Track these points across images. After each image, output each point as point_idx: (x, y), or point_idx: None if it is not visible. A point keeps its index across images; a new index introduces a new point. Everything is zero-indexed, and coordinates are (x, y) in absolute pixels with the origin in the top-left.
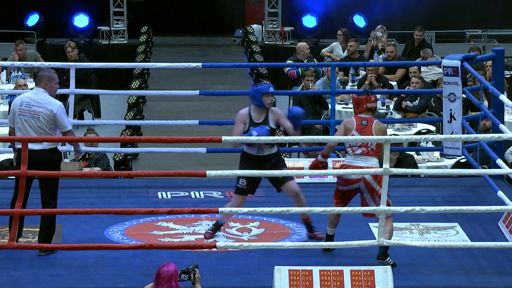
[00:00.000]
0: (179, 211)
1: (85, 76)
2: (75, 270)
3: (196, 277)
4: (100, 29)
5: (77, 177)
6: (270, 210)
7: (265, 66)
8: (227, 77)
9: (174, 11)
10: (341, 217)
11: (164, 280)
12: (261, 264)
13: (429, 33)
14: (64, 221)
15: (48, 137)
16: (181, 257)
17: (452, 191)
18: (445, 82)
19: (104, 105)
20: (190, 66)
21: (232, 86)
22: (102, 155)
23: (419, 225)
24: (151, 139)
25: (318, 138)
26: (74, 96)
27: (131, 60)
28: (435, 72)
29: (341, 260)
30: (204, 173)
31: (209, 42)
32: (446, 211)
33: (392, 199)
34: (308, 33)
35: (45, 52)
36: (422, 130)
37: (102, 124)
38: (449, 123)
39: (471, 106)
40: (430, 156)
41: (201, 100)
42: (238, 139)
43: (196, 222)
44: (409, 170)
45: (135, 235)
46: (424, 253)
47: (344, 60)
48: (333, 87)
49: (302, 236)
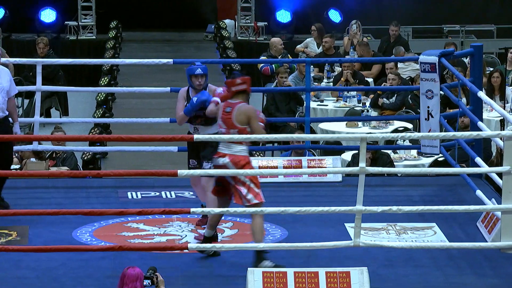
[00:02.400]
0: (149, 211)
1: (52, 73)
2: (42, 272)
3: (159, 280)
4: (67, 24)
5: (43, 176)
6: (243, 210)
7: (238, 63)
8: None
9: (144, 6)
10: (316, 217)
11: (130, 280)
12: (234, 266)
13: (405, 29)
14: (30, 223)
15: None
16: (151, 259)
17: (429, 190)
18: (422, 78)
19: (72, 102)
20: (160, 62)
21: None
22: (70, 154)
23: (396, 225)
24: (121, 137)
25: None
26: (41, 93)
27: (99, 56)
28: (412, 68)
29: (316, 261)
30: (175, 173)
31: (180, 38)
32: (423, 211)
33: (368, 199)
34: (282, 28)
35: (11, 48)
36: (399, 127)
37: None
38: (426, 120)
39: (449, 103)
40: (407, 155)
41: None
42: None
43: (167, 223)
44: (385, 169)
45: (104, 237)
46: (401, 254)
47: (319, 56)
48: (308, 84)
49: (276, 237)
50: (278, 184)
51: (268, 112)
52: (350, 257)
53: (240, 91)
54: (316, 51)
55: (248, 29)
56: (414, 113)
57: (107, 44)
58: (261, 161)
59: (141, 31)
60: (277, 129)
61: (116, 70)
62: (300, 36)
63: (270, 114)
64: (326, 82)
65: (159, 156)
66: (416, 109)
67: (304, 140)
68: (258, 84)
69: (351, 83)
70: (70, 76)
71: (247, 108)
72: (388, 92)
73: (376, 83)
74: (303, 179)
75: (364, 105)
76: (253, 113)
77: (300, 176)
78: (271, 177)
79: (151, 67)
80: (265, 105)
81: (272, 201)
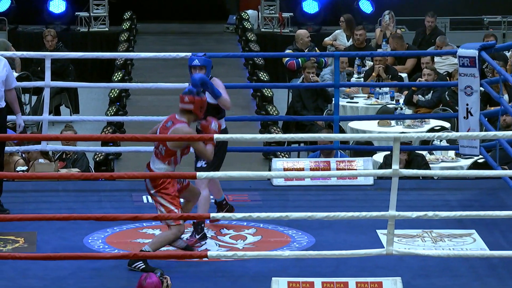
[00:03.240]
0: (166, 216)
1: (62, 68)
2: (50, 282)
3: (168, 284)
4: (78, 15)
5: (53, 179)
6: (267, 215)
7: (262, 56)
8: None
9: None
10: (346, 223)
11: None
12: (257, 276)
13: (442, 20)
14: (39, 228)
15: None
16: (168, 268)
17: (468, 194)
18: (461, 73)
19: (83, 99)
20: (178, 56)
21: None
22: (81, 155)
23: (432, 232)
24: (135, 137)
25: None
26: (49, 90)
27: (112, 49)
28: (450, 62)
29: (345, 270)
30: (194, 175)
31: (199, 30)
32: (462, 217)
33: (402, 203)
34: (309, 19)
35: (18, 41)
36: (436, 127)
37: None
38: (465, 119)
39: (490, 100)
40: (444, 156)
41: None
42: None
43: (185, 229)
44: (421, 171)
45: (118, 244)
46: (438, 263)
47: (349, 50)
48: (337, 80)
49: (302, 244)
50: (304, 187)
51: (294, 110)
52: (383, 266)
53: (186, 110)
54: (345, 44)
55: (272, 20)
56: (452, 111)
57: (120, 37)
58: (287, 162)
59: (157, 23)
60: (304, 128)
61: (131, 65)
62: (328, 28)
63: (296, 112)
64: (356, 78)
65: None
66: (454, 106)
67: (332, 140)
68: (283, 80)
69: (383, 78)
70: (81, 71)
71: (185, 131)
72: (423, 89)
73: (411, 79)
74: (331, 182)
75: (398, 103)
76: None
77: (328, 178)
78: (297, 180)
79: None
80: (290, 102)
81: (298, 205)
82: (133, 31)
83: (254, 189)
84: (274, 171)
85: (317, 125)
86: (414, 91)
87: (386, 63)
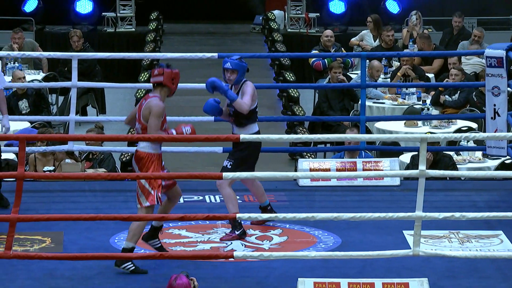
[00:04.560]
0: (192, 217)
1: (89, 68)
2: (77, 282)
3: (196, 285)
4: (105, 15)
5: (79, 179)
6: (293, 216)
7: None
8: None
9: None
10: (372, 224)
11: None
12: (283, 276)
13: (470, 20)
14: (65, 228)
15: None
16: (194, 268)
17: (496, 195)
18: (488, 74)
19: (110, 99)
20: (204, 56)
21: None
22: (108, 155)
23: (459, 233)
24: (162, 137)
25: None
26: (76, 90)
27: (139, 49)
28: (474, 62)
29: (372, 271)
30: (220, 175)
31: (225, 30)
32: (489, 218)
33: (429, 204)
34: (335, 19)
35: (45, 41)
36: (463, 127)
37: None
38: (492, 119)
39: None
40: (472, 157)
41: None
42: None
43: (211, 229)
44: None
45: (144, 244)
46: (465, 264)
47: (375, 50)
48: (363, 80)
49: (328, 245)
50: (330, 187)
51: (320, 110)
52: (409, 267)
53: (158, 83)
54: (372, 44)
55: (299, 20)
56: (479, 111)
57: (147, 37)
58: (313, 163)
59: (184, 23)
60: (330, 129)
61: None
62: (355, 28)
63: (323, 112)
64: (383, 78)
65: (202, 158)
66: (481, 107)
67: (359, 141)
68: (309, 80)
69: (410, 78)
70: (108, 72)
71: (154, 104)
72: (450, 89)
73: (438, 79)
74: (358, 183)
75: (425, 103)
76: (155, 110)
77: (354, 179)
78: (323, 180)
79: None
80: (316, 102)
81: (325, 206)
82: (159, 31)
83: (280, 189)
84: (300, 172)
85: (343, 125)
86: (441, 92)
87: (413, 63)
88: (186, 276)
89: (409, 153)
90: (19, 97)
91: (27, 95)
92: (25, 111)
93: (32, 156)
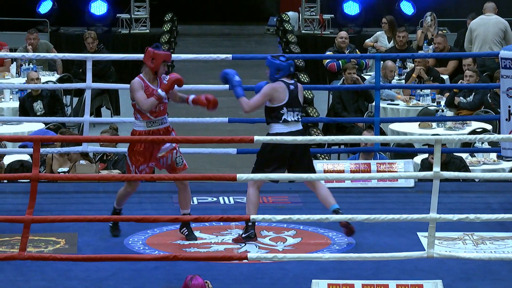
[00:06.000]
0: (206, 218)
1: (103, 69)
2: (91, 283)
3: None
4: (119, 17)
5: (94, 180)
6: (307, 217)
7: (302, 58)
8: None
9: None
10: (386, 225)
11: None
12: (297, 278)
13: None
14: (79, 229)
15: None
16: (208, 269)
17: (510, 197)
18: (503, 75)
19: (124, 101)
20: (219, 58)
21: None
22: (122, 157)
23: (474, 235)
24: (176, 138)
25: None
26: (91, 91)
27: None
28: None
29: (386, 273)
30: (234, 177)
31: (240, 31)
32: (504, 220)
33: (443, 206)
34: (350, 21)
35: (59, 42)
36: (477, 129)
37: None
38: (507, 121)
39: None
40: (486, 158)
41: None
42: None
43: (225, 230)
44: (462, 173)
45: (158, 245)
46: (479, 266)
47: (390, 51)
48: (378, 81)
49: (342, 246)
50: (344, 189)
51: (334, 111)
52: (423, 269)
53: (143, 63)
54: (386, 45)
55: (313, 22)
56: (494, 113)
57: (161, 38)
58: (327, 164)
59: (198, 24)
60: (344, 130)
61: (171, 66)
62: (369, 30)
63: (337, 114)
64: (397, 80)
65: (216, 159)
66: (496, 108)
67: (373, 142)
68: (323, 81)
69: (424, 80)
70: (122, 73)
71: (131, 82)
72: (465, 90)
73: (452, 81)
74: (372, 184)
75: (439, 105)
76: (131, 86)
77: (368, 181)
78: (337, 182)
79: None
80: (331, 104)
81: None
82: (174, 32)
83: (294, 191)
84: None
85: (357, 127)
86: (455, 93)
87: (427, 65)
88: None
89: (423, 154)
90: (33, 99)
91: (41, 97)
92: (39, 112)
93: (49, 156)
